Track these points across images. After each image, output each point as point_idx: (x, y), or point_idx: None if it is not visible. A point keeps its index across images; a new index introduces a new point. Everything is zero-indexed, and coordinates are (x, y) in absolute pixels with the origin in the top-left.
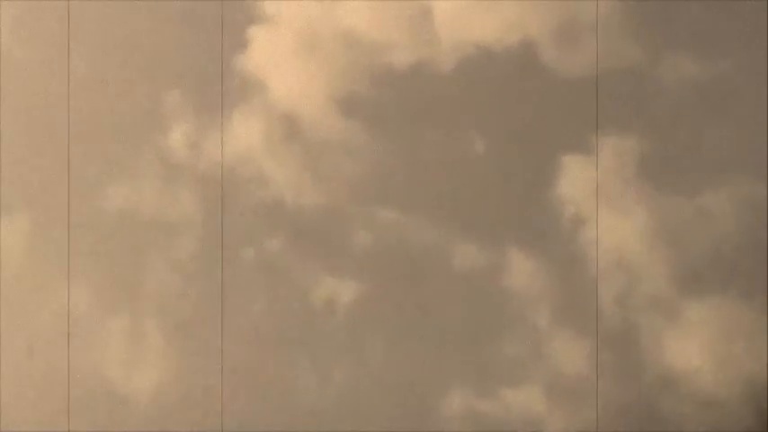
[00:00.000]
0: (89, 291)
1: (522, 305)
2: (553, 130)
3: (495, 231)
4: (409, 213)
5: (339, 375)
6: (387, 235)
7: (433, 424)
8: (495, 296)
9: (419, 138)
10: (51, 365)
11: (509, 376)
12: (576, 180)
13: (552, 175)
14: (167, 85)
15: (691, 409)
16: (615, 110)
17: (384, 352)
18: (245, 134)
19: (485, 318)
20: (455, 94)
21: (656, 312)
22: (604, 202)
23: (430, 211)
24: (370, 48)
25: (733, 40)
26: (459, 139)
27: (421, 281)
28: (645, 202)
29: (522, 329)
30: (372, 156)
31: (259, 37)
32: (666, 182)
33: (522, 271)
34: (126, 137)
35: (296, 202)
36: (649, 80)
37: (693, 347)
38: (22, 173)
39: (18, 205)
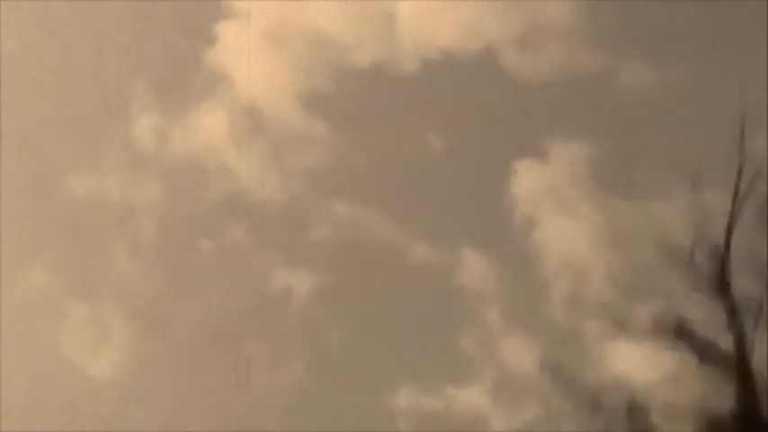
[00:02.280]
0: (52, 275)
1: (474, 303)
2: (509, 134)
3: (449, 230)
4: (367, 209)
5: (293, 364)
6: (345, 229)
7: (382, 417)
8: (447, 294)
9: (379, 135)
10: (15, 347)
11: (457, 374)
12: (529, 182)
13: (506, 177)
14: (136, 77)
15: (632, 411)
16: (570, 115)
17: (338, 344)
18: (210, 127)
19: (437, 315)
20: (415, 95)
21: (602, 315)
22: (556, 205)
23: (387, 208)
24: (334, 46)
25: (688, 48)
26: (417, 138)
27: (376, 276)
28: (595, 206)
29: (473, 328)
30: (333, 151)
31: (228, 33)
32: (617, 187)
33: (474, 270)
34: (93, 127)
35: (258, 194)
36: (605, 87)
37: (636, 351)
38: None
39: None
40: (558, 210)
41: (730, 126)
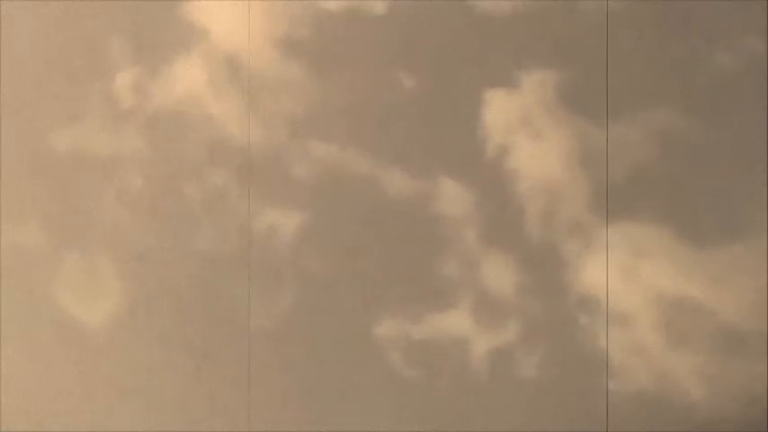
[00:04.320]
0: (44, 230)
1: (452, 230)
2: (478, 67)
3: (425, 162)
4: (345, 147)
5: (280, 303)
6: (325, 168)
7: (368, 349)
8: (427, 222)
9: (353, 76)
10: (12, 300)
11: (439, 300)
12: (501, 111)
13: (478, 107)
14: (111, 34)
15: (604, 325)
16: (538, 44)
17: (323, 279)
18: (189, 78)
19: (418, 243)
20: (387, 35)
21: (576, 235)
22: (527, 131)
23: (365, 145)
24: None
25: None
26: (390, 76)
27: (357, 210)
28: (566, 130)
29: (452, 253)
30: (310, 94)
31: None
32: (586, 110)
33: (451, 198)
34: (72, 85)
35: (239, 139)
36: (571, 13)
37: (609, 268)
38: None
39: None
40: (530, 135)
41: (690, 44)
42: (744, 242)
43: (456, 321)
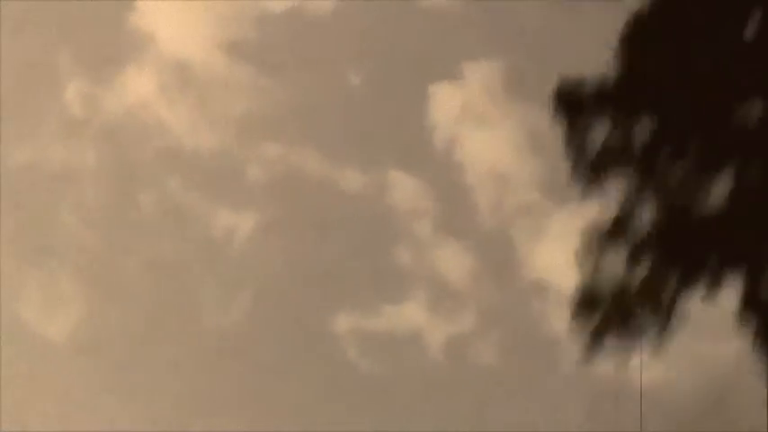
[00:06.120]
0: (3, 246)
1: (405, 222)
2: (423, 61)
3: (376, 157)
4: (297, 146)
5: (239, 302)
6: (278, 168)
7: (328, 343)
8: (380, 216)
9: (301, 75)
10: None
11: (395, 292)
12: (447, 103)
13: (424, 101)
14: (61, 47)
15: (557, 308)
16: (481, 36)
17: (281, 277)
18: (139, 86)
19: (372, 238)
20: (332, 34)
21: (526, 220)
22: (474, 121)
23: (316, 144)
24: None
25: None
26: (337, 74)
27: (312, 208)
28: (512, 117)
29: (406, 245)
30: (259, 95)
31: None
32: (531, 96)
33: (403, 191)
34: (24, 100)
35: (191, 144)
36: (510, 7)
37: (558, 252)
38: None
39: None
40: (477, 125)
41: None
42: None
43: (412, 313)
